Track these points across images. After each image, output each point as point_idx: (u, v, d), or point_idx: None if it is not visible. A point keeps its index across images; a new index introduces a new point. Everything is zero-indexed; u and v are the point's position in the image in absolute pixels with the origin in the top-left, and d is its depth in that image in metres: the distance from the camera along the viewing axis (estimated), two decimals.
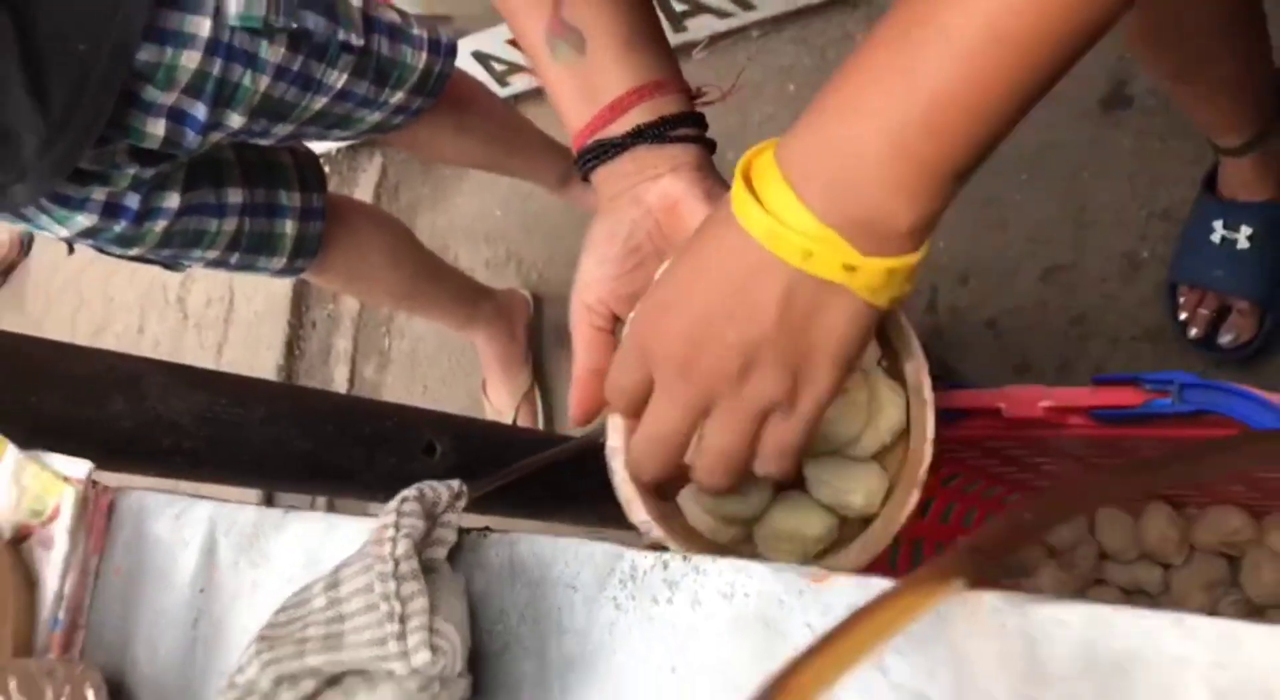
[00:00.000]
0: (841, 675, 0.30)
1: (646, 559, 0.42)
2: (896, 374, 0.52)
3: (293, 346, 2.36)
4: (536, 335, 1.93)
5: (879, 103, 0.39)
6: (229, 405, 1.00)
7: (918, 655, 0.34)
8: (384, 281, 1.66)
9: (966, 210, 1.44)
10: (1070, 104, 1.39)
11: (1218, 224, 1.19)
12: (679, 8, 1.69)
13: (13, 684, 0.61)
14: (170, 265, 1.37)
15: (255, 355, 2.39)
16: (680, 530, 0.50)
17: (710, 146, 0.58)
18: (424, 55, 1.27)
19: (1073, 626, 0.31)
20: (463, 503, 0.49)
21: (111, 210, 1.20)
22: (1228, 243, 1.19)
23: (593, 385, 0.56)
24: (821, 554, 0.50)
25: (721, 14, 1.69)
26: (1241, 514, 0.78)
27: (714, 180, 0.57)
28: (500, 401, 1.88)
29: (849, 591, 0.33)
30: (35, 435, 0.80)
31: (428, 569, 0.46)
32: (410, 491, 0.47)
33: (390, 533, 0.45)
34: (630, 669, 0.42)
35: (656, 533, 0.48)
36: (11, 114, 1.05)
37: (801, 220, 0.41)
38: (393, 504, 0.47)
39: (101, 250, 1.30)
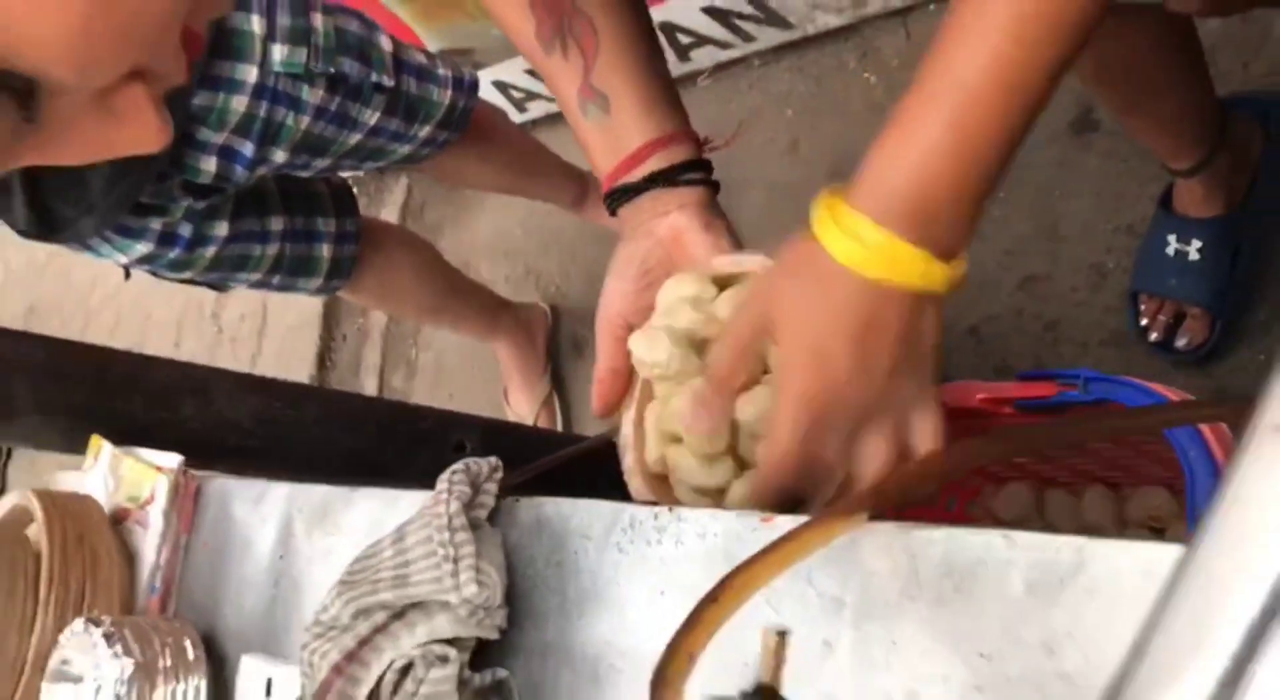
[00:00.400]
0: (772, 577, 0.43)
1: (641, 512, 0.55)
2: None
3: (324, 359, 2.49)
4: (554, 345, 2.06)
5: (925, 144, 0.51)
6: (284, 408, 1.14)
7: (835, 570, 0.46)
8: (412, 297, 1.79)
9: None
10: (1042, 129, 1.50)
11: (1171, 238, 1.31)
12: (684, 40, 1.82)
13: (128, 633, 0.74)
14: (217, 286, 1.51)
15: (288, 368, 2.52)
16: (669, 499, 0.63)
17: (714, 186, 0.70)
18: (449, 92, 1.40)
19: (938, 544, 0.44)
20: (499, 475, 0.62)
21: (167, 239, 1.33)
22: (1180, 255, 1.31)
23: (612, 383, 0.68)
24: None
25: (724, 45, 1.82)
26: (1164, 493, 0.90)
27: (714, 215, 0.69)
28: (521, 408, 2.01)
29: (787, 525, 0.46)
30: (121, 436, 0.93)
31: (473, 525, 0.58)
32: (458, 465, 0.60)
33: (444, 496, 0.58)
34: (630, 596, 0.54)
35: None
36: None
37: (903, 250, 0.51)
38: (445, 475, 0.60)
39: (156, 274, 1.43)
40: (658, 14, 1.74)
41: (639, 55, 0.68)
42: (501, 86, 1.98)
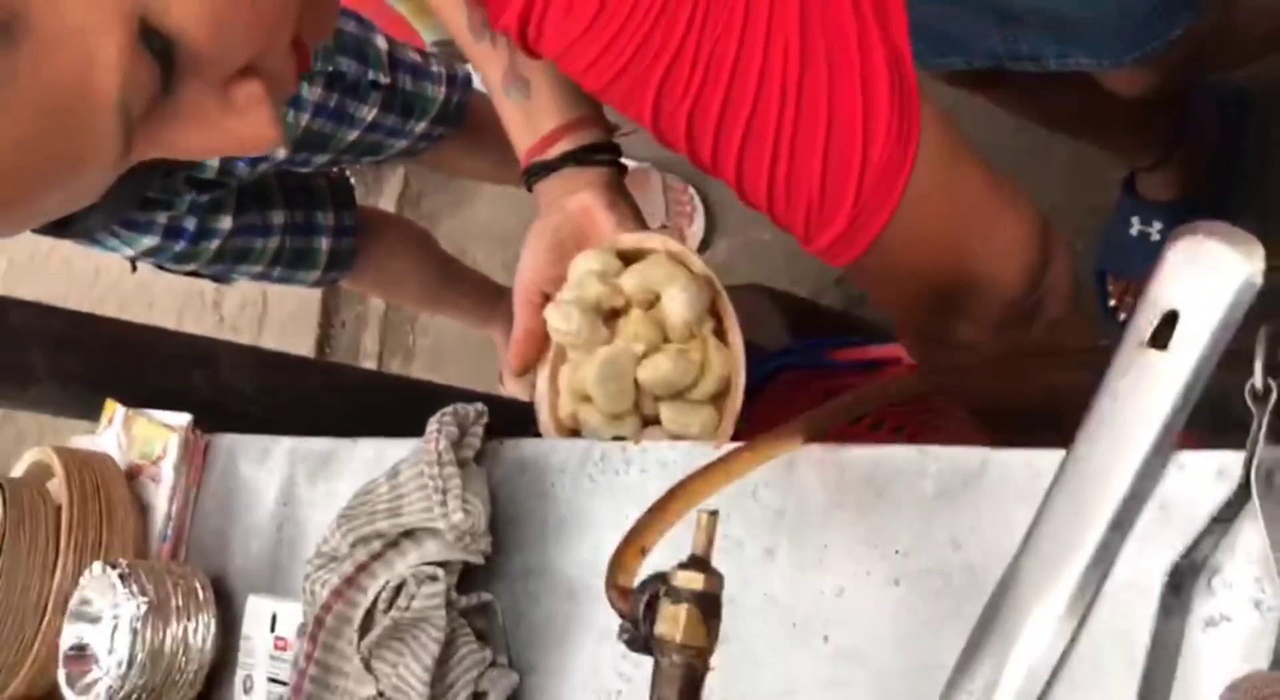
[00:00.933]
0: (717, 488, 0.49)
1: (610, 446, 0.61)
2: (722, 337, 0.70)
3: (323, 345, 2.55)
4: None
5: None
6: (286, 379, 1.20)
7: (776, 486, 0.52)
8: (410, 285, 1.85)
9: None
10: (1014, 117, 1.57)
11: (1135, 220, 1.38)
12: None
13: (142, 575, 0.80)
14: (219, 279, 1.56)
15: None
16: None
17: (621, 168, 0.76)
18: (443, 89, 1.46)
19: (862, 458, 0.50)
20: (485, 420, 0.68)
21: (173, 232, 1.38)
22: (1143, 236, 1.37)
23: (528, 344, 0.75)
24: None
25: None
26: None
27: (619, 194, 0.76)
28: (515, 391, 2.07)
29: (732, 449, 0.52)
30: (133, 402, 0.99)
31: (460, 463, 0.64)
32: (447, 409, 0.66)
33: (435, 435, 0.64)
34: (602, 519, 0.61)
35: None
36: None
37: None
38: (435, 417, 0.66)
39: (161, 267, 1.49)
40: None
41: None
42: None
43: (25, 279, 3.63)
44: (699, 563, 0.39)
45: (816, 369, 0.87)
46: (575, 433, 0.71)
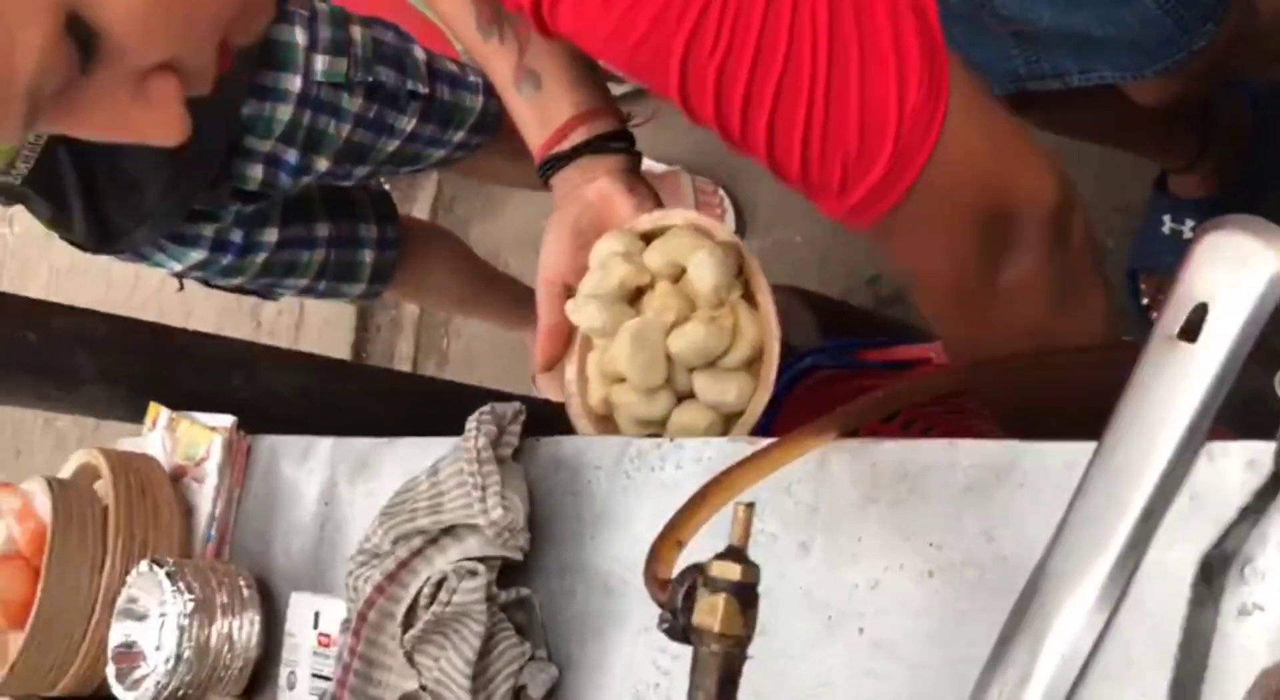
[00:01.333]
0: (752, 482, 0.50)
1: (645, 443, 0.62)
2: (751, 303, 0.68)
3: (359, 350, 2.58)
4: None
5: None
6: (323, 382, 1.22)
7: (810, 481, 0.53)
8: (444, 292, 1.87)
9: None
10: None
11: (1166, 218, 1.37)
12: None
13: (189, 573, 0.82)
14: (265, 294, 1.57)
15: None
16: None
17: (636, 155, 0.76)
18: (480, 98, 1.47)
19: (894, 453, 0.51)
20: (522, 418, 0.69)
21: (220, 245, 1.40)
22: (1175, 233, 1.37)
23: (553, 339, 0.75)
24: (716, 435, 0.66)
25: None
26: None
27: (637, 179, 0.75)
28: (548, 391, 2.08)
29: (766, 445, 0.52)
30: (176, 404, 1.01)
31: (499, 461, 0.66)
32: (485, 408, 0.68)
33: (474, 433, 0.65)
34: (638, 516, 0.62)
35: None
36: (138, 166, 1.26)
37: None
38: (474, 416, 0.67)
39: (208, 282, 1.50)
40: None
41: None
42: None
43: (66, 286, 3.69)
44: (736, 553, 0.40)
45: (846, 368, 0.87)
46: (608, 419, 0.71)
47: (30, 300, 1.06)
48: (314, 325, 2.72)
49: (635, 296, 0.70)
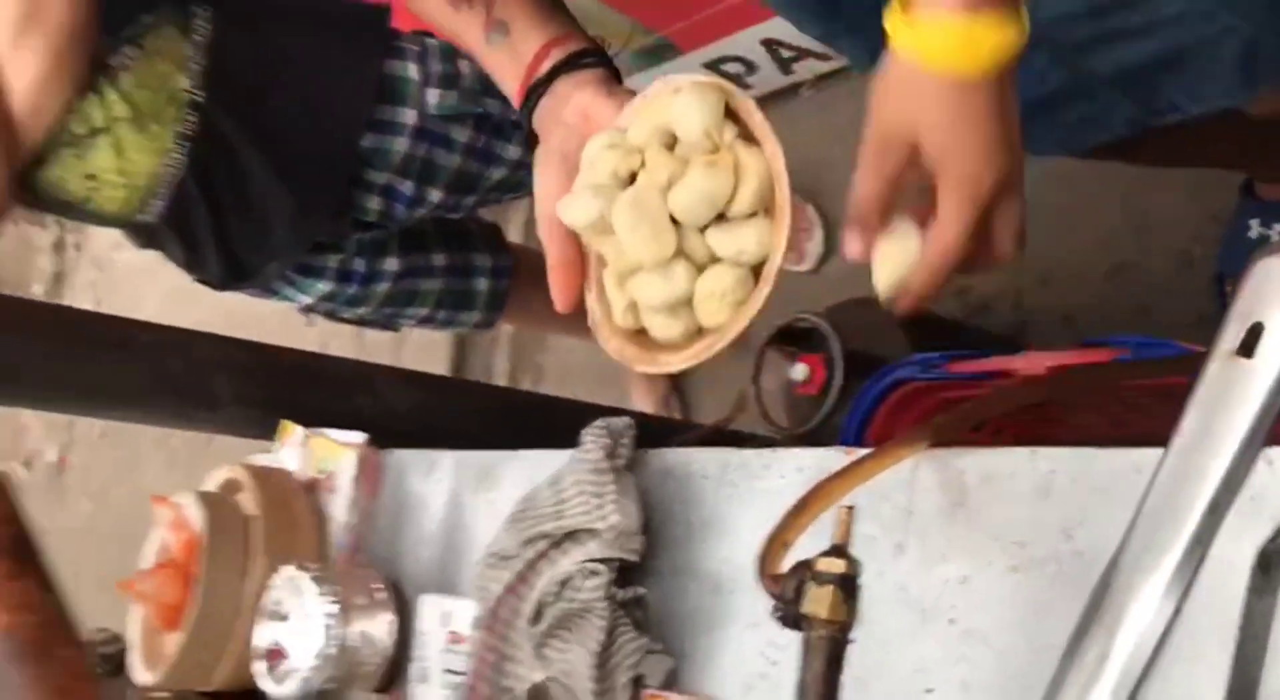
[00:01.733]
0: (852, 488, 0.55)
1: (748, 454, 0.68)
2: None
3: (458, 366, 2.68)
4: None
5: None
6: (437, 399, 1.29)
7: (904, 488, 0.59)
8: (548, 314, 1.94)
9: (1043, 218, 1.64)
10: None
11: (1254, 222, 1.39)
12: (786, 54, 1.94)
13: (330, 577, 0.90)
14: (388, 325, 1.65)
15: None
16: (650, 352, 0.66)
17: (613, 70, 0.73)
18: None
19: (981, 460, 0.56)
20: (633, 432, 0.75)
21: (344, 276, 1.48)
22: (1263, 237, 1.38)
23: (566, 273, 0.70)
24: (743, 299, 0.62)
25: (823, 57, 1.94)
26: None
27: (614, 85, 0.71)
28: (644, 406, 2.15)
29: (864, 454, 0.58)
30: (304, 422, 1.09)
31: (614, 471, 0.72)
32: (599, 422, 0.74)
33: (590, 445, 0.72)
34: (743, 522, 0.67)
35: (635, 367, 0.68)
36: (265, 204, 1.35)
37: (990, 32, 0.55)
38: (588, 430, 0.73)
39: (333, 315, 1.58)
40: (762, 31, 1.86)
41: None
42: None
43: (178, 309, 3.86)
44: (839, 551, 0.46)
45: (935, 380, 0.92)
46: (638, 334, 0.67)
47: (175, 329, 1.15)
48: (415, 342, 2.83)
49: (630, 181, 0.65)
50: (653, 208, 0.62)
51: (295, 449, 1.07)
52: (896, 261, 0.62)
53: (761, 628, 0.65)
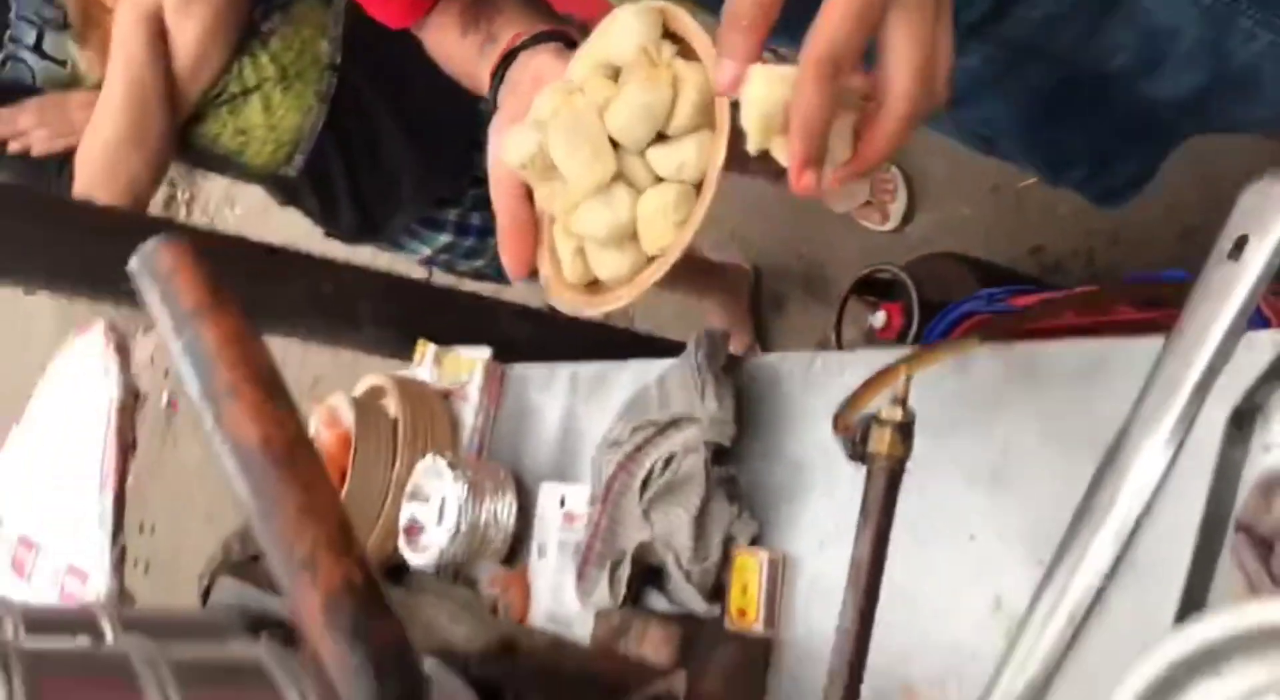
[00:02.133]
0: (912, 372, 0.68)
1: (830, 356, 0.81)
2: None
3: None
4: (757, 302, 2.32)
5: None
6: (551, 333, 1.44)
7: (958, 373, 0.71)
8: None
9: None
10: None
11: None
12: None
13: (463, 464, 1.04)
14: (499, 277, 1.78)
15: None
16: (600, 295, 0.69)
17: (573, 44, 0.71)
18: None
19: (1023, 350, 0.68)
20: (730, 341, 0.88)
21: (462, 229, 1.63)
22: None
23: (518, 235, 0.69)
24: (685, 218, 0.63)
25: None
26: None
27: (570, 52, 0.69)
28: None
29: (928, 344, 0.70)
30: (438, 342, 1.24)
31: (711, 370, 0.85)
32: (700, 332, 0.87)
33: (692, 349, 0.85)
34: (822, 412, 0.80)
35: (588, 311, 0.70)
36: (395, 162, 1.49)
37: None
38: (692, 337, 0.87)
39: (450, 267, 1.72)
40: None
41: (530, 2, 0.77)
42: None
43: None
44: (899, 402, 0.58)
45: (999, 312, 1.04)
46: (594, 286, 0.67)
47: (327, 260, 1.30)
48: (511, 296, 2.99)
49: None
50: (591, 128, 0.60)
51: (429, 365, 1.22)
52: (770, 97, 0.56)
53: (833, 497, 0.78)
